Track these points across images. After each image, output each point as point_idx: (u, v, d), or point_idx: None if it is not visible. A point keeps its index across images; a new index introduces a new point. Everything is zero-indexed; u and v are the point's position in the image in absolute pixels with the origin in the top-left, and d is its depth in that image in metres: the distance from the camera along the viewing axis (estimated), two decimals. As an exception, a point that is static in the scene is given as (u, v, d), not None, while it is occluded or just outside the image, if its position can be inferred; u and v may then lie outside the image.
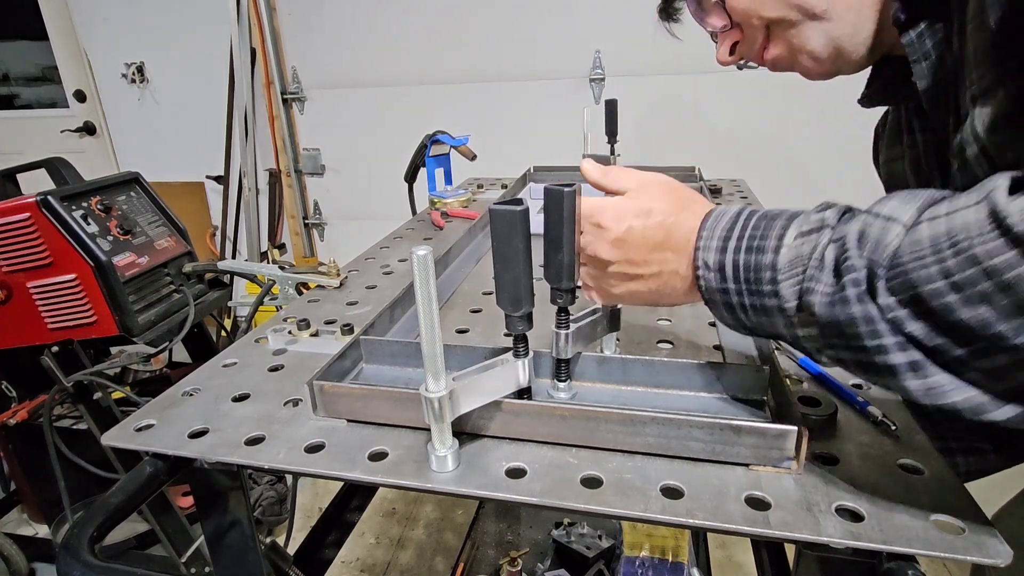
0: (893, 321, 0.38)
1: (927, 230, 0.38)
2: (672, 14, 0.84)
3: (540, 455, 0.55)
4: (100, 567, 0.51)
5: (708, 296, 0.51)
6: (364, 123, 2.79)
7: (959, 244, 0.35)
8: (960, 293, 0.35)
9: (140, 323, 1.36)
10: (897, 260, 0.38)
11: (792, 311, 0.45)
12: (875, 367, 0.40)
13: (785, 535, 0.45)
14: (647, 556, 1.18)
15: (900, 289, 0.38)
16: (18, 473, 1.83)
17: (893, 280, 0.38)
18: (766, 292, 0.46)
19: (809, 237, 0.44)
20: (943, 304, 0.36)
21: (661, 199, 0.54)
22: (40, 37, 3.09)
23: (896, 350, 0.39)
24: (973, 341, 0.36)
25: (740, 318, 0.49)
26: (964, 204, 0.37)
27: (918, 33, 0.60)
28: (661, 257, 0.54)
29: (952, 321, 0.36)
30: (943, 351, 0.38)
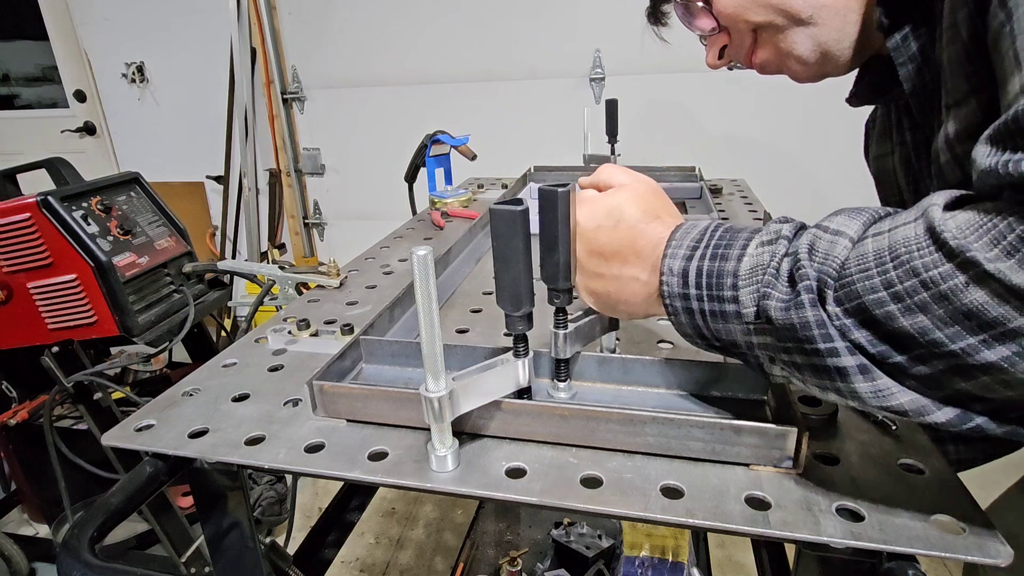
0: (840, 328, 0.40)
1: (872, 244, 0.40)
2: (660, 18, 0.85)
3: (540, 455, 0.55)
4: (100, 567, 0.51)
5: (669, 302, 0.51)
6: (364, 123, 2.79)
7: (900, 257, 0.38)
8: (901, 303, 0.38)
9: (140, 323, 1.36)
10: (844, 272, 0.40)
11: (750, 317, 0.46)
12: (827, 370, 0.42)
13: (785, 535, 0.45)
14: (647, 556, 1.18)
15: (846, 299, 0.40)
16: (18, 473, 1.84)
17: (840, 290, 0.40)
18: (726, 298, 0.47)
19: (767, 247, 0.46)
20: (885, 312, 0.38)
21: (635, 203, 0.55)
22: (40, 37, 3.09)
23: (847, 353, 0.40)
24: (912, 348, 0.38)
25: (698, 324, 0.50)
26: (904, 220, 0.39)
27: (903, 36, 0.60)
28: (624, 259, 0.55)
29: (893, 328, 0.38)
30: (884, 357, 0.40)
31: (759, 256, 0.46)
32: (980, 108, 0.49)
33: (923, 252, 0.37)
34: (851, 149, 0.93)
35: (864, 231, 0.42)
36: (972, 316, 0.35)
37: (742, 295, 0.46)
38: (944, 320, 0.36)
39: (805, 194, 2.36)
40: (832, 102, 1.05)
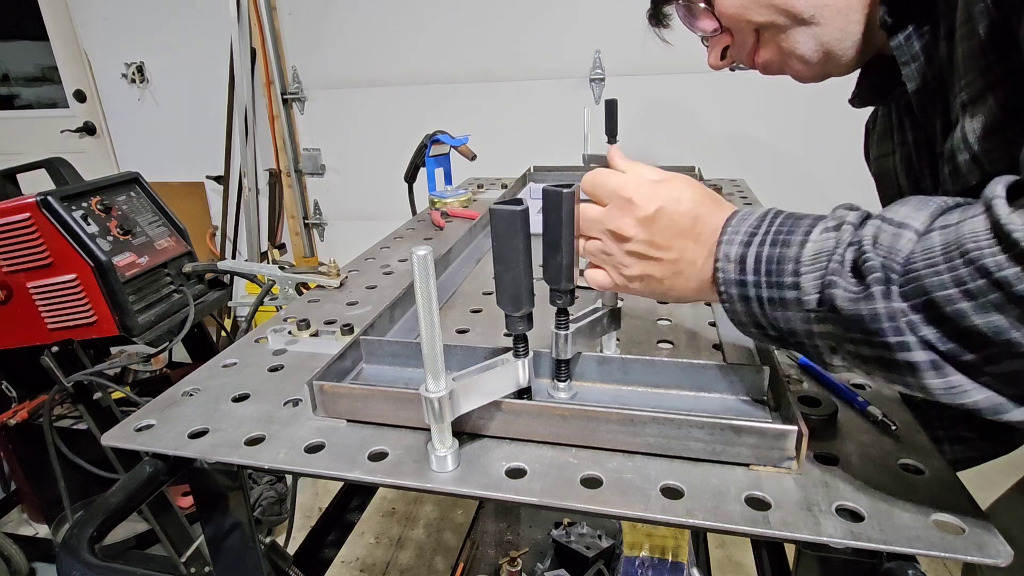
0: (909, 323, 0.39)
1: (939, 238, 0.38)
2: (662, 19, 0.84)
3: (540, 455, 0.55)
4: (100, 567, 0.51)
5: (723, 289, 0.50)
6: (364, 123, 2.79)
7: (969, 253, 0.36)
8: (973, 301, 0.36)
9: (140, 323, 1.36)
10: (910, 266, 0.39)
11: (812, 304, 0.44)
12: (896, 364, 0.40)
13: (785, 535, 0.45)
14: (647, 556, 1.18)
15: (912, 294, 0.39)
16: (18, 473, 1.83)
17: (906, 285, 0.39)
18: (787, 284, 0.46)
19: (832, 233, 0.44)
20: (956, 310, 0.37)
21: (690, 190, 0.54)
22: (40, 37, 3.09)
23: (918, 348, 0.39)
24: (985, 347, 0.37)
25: (754, 312, 0.49)
26: (973, 213, 0.38)
27: (906, 36, 0.60)
28: (683, 244, 0.53)
29: (965, 327, 0.37)
30: (954, 355, 0.38)
31: (823, 242, 0.44)
32: (998, 105, 0.48)
33: (993, 250, 0.35)
34: (851, 149, 0.93)
35: (931, 223, 0.40)
36: None
37: (804, 281, 0.44)
38: (1020, 320, 0.35)
39: (805, 194, 2.36)
40: (832, 102, 1.05)
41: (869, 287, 0.40)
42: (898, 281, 0.39)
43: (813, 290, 0.44)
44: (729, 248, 0.49)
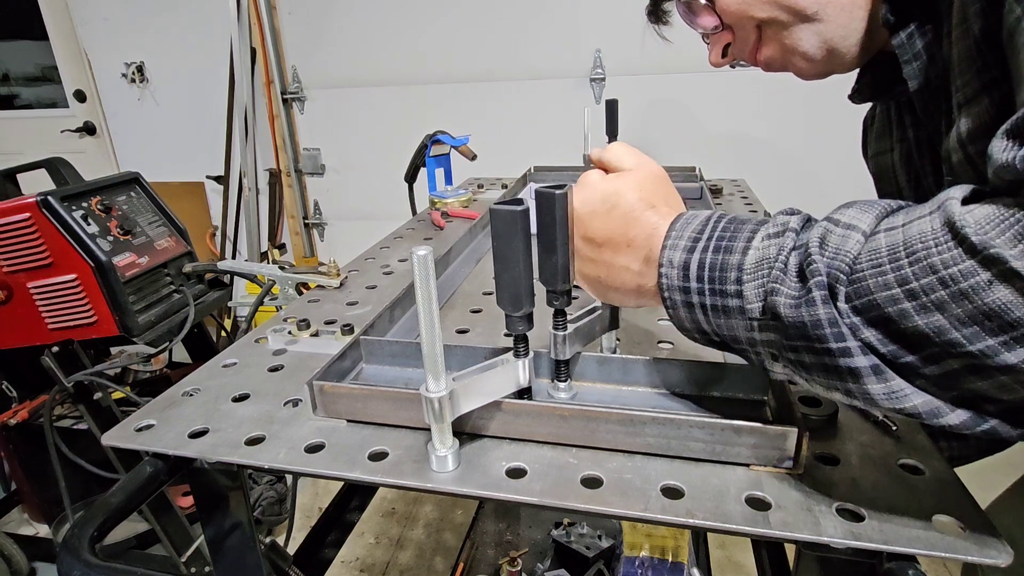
0: (850, 326, 0.39)
1: (885, 239, 0.38)
2: (661, 16, 0.84)
3: (540, 455, 0.55)
4: (100, 567, 0.51)
5: (667, 295, 0.50)
6: (364, 123, 2.79)
7: (916, 253, 0.36)
8: (915, 301, 0.36)
9: (140, 323, 1.36)
10: (856, 267, 0.39)
11: (754, 312, 0.44)
12: (838, 370, 0.40)
13: (785, 535, 0.45)
14: (647, 556, 1.18)
15: (855, 295, 0.39)
16: (19, 473, 1.84)
17: (851, 286, 0.39)
18: (729, 292, 0.45)
19: (774, 240, 0.44)
20: (899, 311, 0.37)
21: (633, 191, 0.54)
22: (40, 37, 3.09)
23: (859, 353, 0.39)
24: (925, 347, 0.37)
25: (698, 319, 0.49)
26: (919, 215, 0.38)
27: (908, 34, 0.60)
28: (615, 248, 0.54)
29: (905, 327, 0.37)
30: (895, 357, 0.38)
31: (765, 249, 0.44)
32: (993, 105, 0.47)
33: (941, 248, 0.35)
34: (852, 148, 0.93)
35: (877, 225, 0.40)
36: (993, 316, 0.34)
37: (746, 290, 0.44)
38: (962, 320, 0.35)
39: (806, 193, 2.36)
40: (833, 101, 1.06)
41: (811, 291, 0.40)
42: (845, 282, 0.39)
43: (755, 298, 0.44)
44: (673, 253, 0.49)
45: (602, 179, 0.56)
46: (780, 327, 0.42)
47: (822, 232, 0.41)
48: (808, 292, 0.40)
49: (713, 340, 0.50)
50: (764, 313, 0.44)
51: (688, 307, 0.49)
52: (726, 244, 0.47)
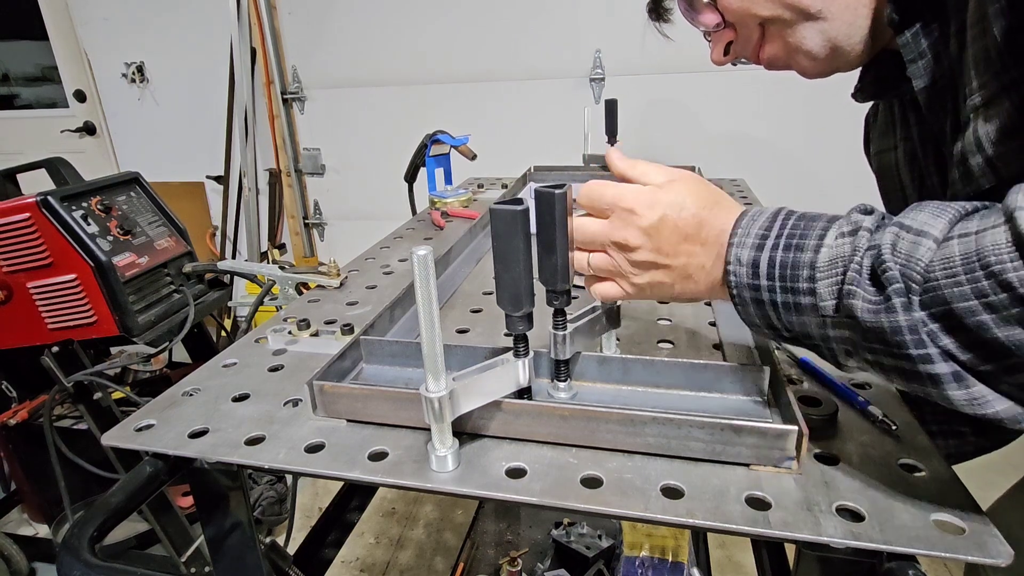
0: (929, 334, 0.39)
1: (958, 247, 0.38)
2: (662, 14, 0.83)
3: (540, 455, 0.55)
4: (100, 567, 0.51)
5: (736, 292, 0.50)
6: (364, 123, 2.79)
7: (991, 267, 0.36)
8: (995, 314, 0.36)
9: (140, 323, 1.36)
10: (930, 275, 0.39)
11: (828, 310, 0.44)
12: (919, 375, 0.40)
13: (785, 535, 0.45)
14: (647, 556, 1.18)
15: (932, 303, 0.39)
16: (18, 473, 1.83)
17: (925, 295, 0.39)
18: (802, 290, 0.46)
19: (848, 239, 0.44)
20: (977, 322, 0.37)
21: (693, 193, 0.54)
22: (40, 37, 3.09)
23: (940, 360, 0.39)
24: (1006, 358, 0.37)
25: (769, 316, 0.49)
26: (993, 223, 0.38)
27: (913, 33, 0.60)
28: (690, 249, 0.53)
29: (985, 338, 0.37)
30: (974, 365, 0.39)
31: (839, 247, 0.44)
32: (1014, 108, 0.47)
33: (1016, 263, 0.35)
34: (852, 147, 0.93)
35: (950, 230, 0.40)
36: None
37: (820, 287, 0.44)
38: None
39: (806, 193, 2.36)
40: (833, 100, 1.06)
41: (890, 298, 0.40)
42: (918, 291, 0.39)
43: (830, 296, 0.44)
44: (740, 251, 0.49)
45: (658, 187, 0.55)
46: (857, 327, 0.42)
47: (893, 238, 0.41)
48: (887, 299, 0.40)
49: (783, 335, 0.50)
50: (839, 311, 0.44)
51: (758, 304, 0.49)
52: (797, 241, 0.47)
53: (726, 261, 0.50)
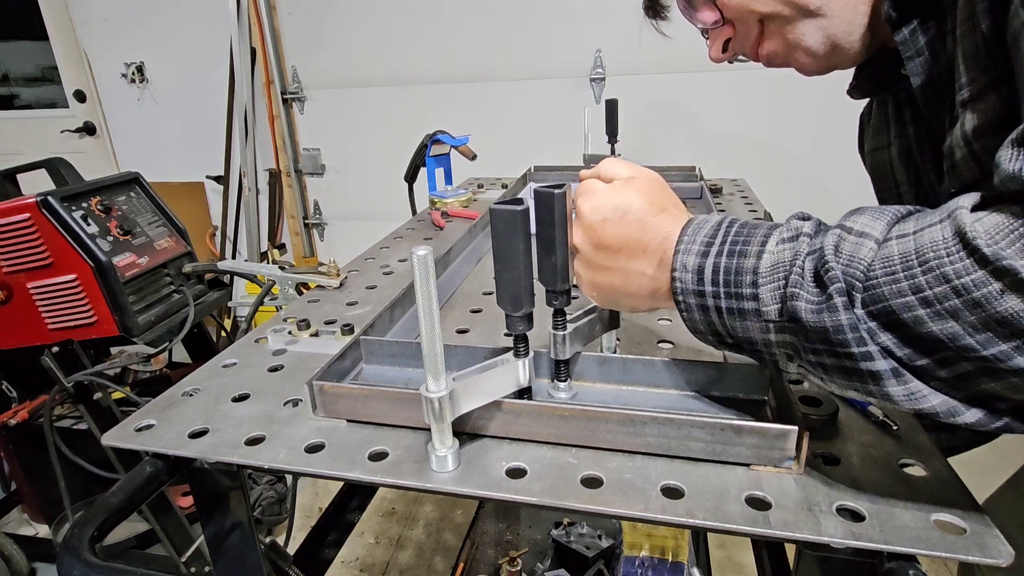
0: (868, 332, 0.40)
1: (897, 247, 0.40)
2: (659, 11, 0.83)
3: (540, 455, 0.55)
4: (100, 566, 0.51)
5: (681, 298, 0.50)
6: (364, 123, 2.79)
7: (928, 262, 0.38)
8: (929, 308, 0.37)
9: (140, 323, 1.36)
10: (871, 274, 0.40)
11: (771, 315, 0.45)
12: (859, 373, 0.41)
13: (786, 535, 0.45)
14: (647, 556, 1.18)
15: (871, 301, 0.40)
16: (18, 473, 1.84)
17: (866, 293, 0.40)
18: (745, 295, 0.46)
19: (789, 244, 0.45)
20: (913, 317, 0.38)
21: (642, 197, 0.54)
22: (40, 37, 3.09)
23: (880, 357, 0.40)
24: (939, 351, 0.38)
25: (712, 321, 0.49)
26: (930, 222, 0.39)
27: (911, 30, 0.60)
28: (630, 254, 0.54)
29: (920, 333, 0.38)
30: (909, 360, 0.40)
31: (780, 253, 0.45)
32: (1001, 103, 0.48)
33: (953, 258, 0.36)
34: (852, 147, 0.93)
35: (888, 231, 0.41)
36: (1006, 323, 0.35)
37: (762, 293, 0.45)
38: (975, 326, 0.36)
39: (806, 193, 2.36)
40: (833, 99, 1.06)
41: (831, 297, 0.41)
42: (860, 289, 0.40)
43: (772, 301, 0.45)
44: (686, 258, 0.50)
45: (609, 187, 0.56)
46: (799, 330, 0.43)
47: (836, 239, 0.42)
48: (829, 298, 0.41)
49: (726, 342, 0.51)
50: (781, 315, 0.44)
51: (703, 310, 0.49)
52: (740, 248, 0.47)
53: (672, 267, 0.51)
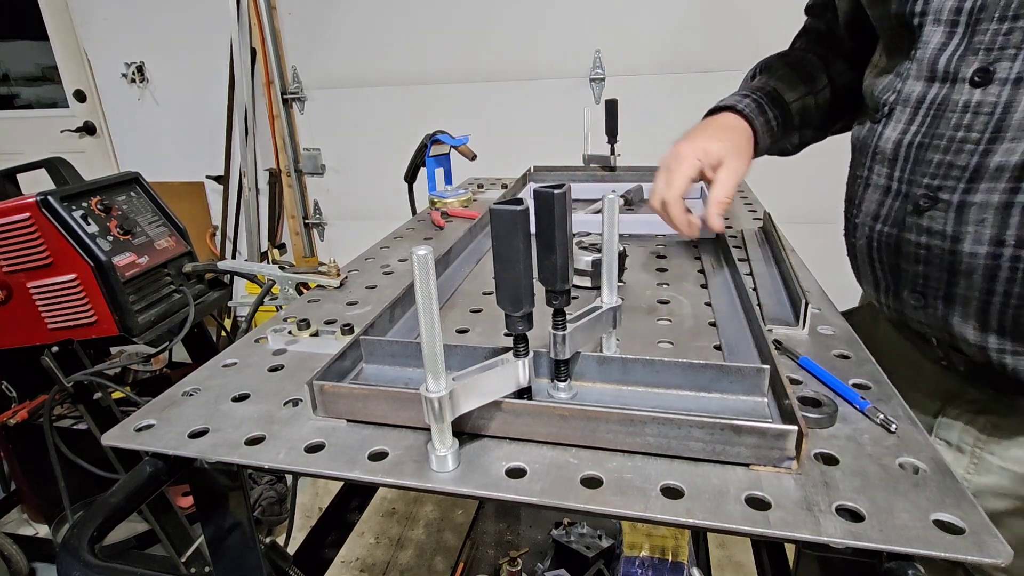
0: None
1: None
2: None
3: (540, 455, 0.55)
4: (100, 567, 0.51)
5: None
6: (364, 123, 2.79)
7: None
8: None
9: (140, 323, 1.36)
10: None
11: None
12: None
13: (785, 535, 0.45)
14: (647, 556, 1.18)
15: None
16: (18, 473, 1.84)
17: None
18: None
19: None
20: None
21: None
22: (40, 37, 3.09)
23: None
24: None
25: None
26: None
27: None
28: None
29: None
30: None
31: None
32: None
33: None
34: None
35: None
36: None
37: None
38: None
39: (806, 193, 2.36)
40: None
41: None
42: None
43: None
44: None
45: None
46: None
47: None
48: None
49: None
50: None
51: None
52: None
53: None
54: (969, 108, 0.60)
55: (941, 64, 0.62)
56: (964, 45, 0.60)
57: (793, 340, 0.73)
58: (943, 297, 0.67)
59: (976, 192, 0.60)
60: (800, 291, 0.78)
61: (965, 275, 0.63)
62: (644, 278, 0.98)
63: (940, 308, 0.68)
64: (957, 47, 0.61)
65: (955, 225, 0.62)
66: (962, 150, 0.61)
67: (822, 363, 0.67)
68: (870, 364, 0.67)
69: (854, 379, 0.65)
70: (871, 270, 0.76)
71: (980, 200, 0.60)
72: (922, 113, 0.64)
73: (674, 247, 1.12)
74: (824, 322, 0.78)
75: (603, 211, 0.62)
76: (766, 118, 0.88)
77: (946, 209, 0.63)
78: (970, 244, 0.62)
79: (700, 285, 0.94)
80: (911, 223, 0.67)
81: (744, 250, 1.05)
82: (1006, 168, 0.58)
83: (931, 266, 0.67)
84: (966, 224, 0.61)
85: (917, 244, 0.67)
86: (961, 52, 0.60)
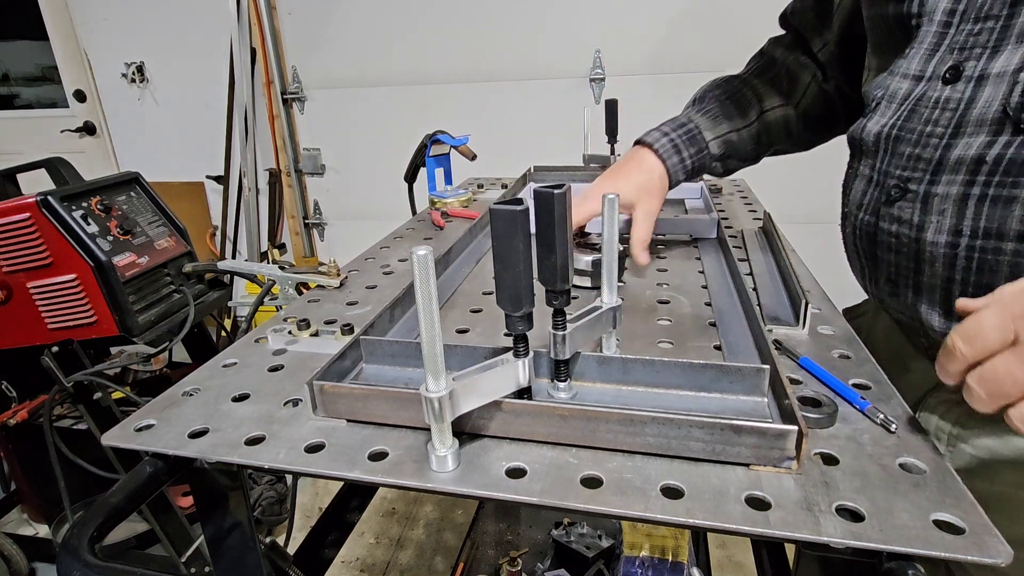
0: None
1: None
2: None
3: (540, 455, 0.55)
4: (100, 567, 0.51)
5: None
6: (364, 123, 2.79)
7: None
8: None
9: (140, 323, 1.36)
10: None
11: None
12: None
13: (785, 535, 0.45)
14: (647, 556, 1.18)
15: None
16: (18, 473, 1.84)
17: None
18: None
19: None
20: None
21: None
22: (40, 37, 3.09)
23: None
24: None
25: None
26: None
27: None
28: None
29: None
30: None
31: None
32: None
33: None
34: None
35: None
36: None
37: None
38: None
39: (806, 193, 2.35)
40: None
41: None
42: None
43: None
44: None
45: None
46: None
47: None
48: None
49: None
50: None
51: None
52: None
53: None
54: (939, 104, 0.63)
55: (927, 63, 0.65)
56: (945, 45, 0.63)
57: (793, 340, 0.73)
58: (912, 285, 0.69)
59: (939, 184, 0.62)
60: (800, 291, 0.78)
61: (929, 263, 0.65)
62: (644, 278, 0.98)
63: (910, 296, 0.70)
64: (941, 46, 0.64)
65: (920, 215, 0.65)
66: (928, 143, 0.63)
67: (822, 363, 0.67)
68: (870, 364, 0.67)
69: (854, 379, 0.65)
70: (857, 258, 0.79)
71: (942, 192, 0.62)
72: (902, 107, 0.67)
73: (674, 247, 1.12)
74: (824, 322, 0.78)
75: (603, 211, 0.62)
76: (680, 158, 1.00)
77: (914, 200, 0.65)
78: (932, 233, 0.64)
79: (700, 285, 0.94)
80: (884, 212, 0.69)
81: (744, 250, 1.05)
82: (963, 161, 0.60)
83: (900, 255, 0.69)
84: (930, 214, 0.64)
85: (889, 233, 0.69)
86: (943, 52, 0.63)
